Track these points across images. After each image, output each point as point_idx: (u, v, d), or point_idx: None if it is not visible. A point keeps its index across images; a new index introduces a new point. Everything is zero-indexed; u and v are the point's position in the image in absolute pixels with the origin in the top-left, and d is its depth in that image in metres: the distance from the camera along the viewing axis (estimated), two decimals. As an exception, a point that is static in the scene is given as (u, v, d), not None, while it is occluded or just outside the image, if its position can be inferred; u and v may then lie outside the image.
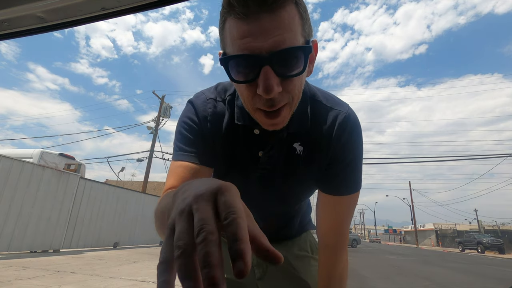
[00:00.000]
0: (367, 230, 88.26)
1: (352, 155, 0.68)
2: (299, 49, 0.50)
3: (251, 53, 0.48)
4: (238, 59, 0.50)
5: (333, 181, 0.70)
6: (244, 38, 0.48)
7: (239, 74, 0.51)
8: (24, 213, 6.32)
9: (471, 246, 24.82)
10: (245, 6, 0.46)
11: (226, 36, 0.52)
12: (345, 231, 0.75)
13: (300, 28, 0.50)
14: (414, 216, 40.23)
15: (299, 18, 0.50)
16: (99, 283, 3.96)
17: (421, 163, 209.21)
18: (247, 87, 0.53)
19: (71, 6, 0.56)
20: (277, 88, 0.49)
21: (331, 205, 0.73)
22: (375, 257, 13.67)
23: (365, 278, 6.50)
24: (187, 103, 0.72)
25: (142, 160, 16.88)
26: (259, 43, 0.47)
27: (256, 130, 0.66)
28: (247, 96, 0.54)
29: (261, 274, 0.86)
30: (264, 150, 0.67)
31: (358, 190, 0.72)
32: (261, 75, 0.49)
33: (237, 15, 0.48)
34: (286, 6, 0.48)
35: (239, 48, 0.49)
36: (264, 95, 0.50)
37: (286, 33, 0.48)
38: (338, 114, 0.67)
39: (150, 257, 7.49)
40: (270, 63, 0.48)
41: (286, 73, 0.50)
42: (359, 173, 0.71)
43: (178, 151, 0.68)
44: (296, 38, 0.49)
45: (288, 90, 0.53)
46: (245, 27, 0.48)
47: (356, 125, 0.68)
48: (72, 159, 9.21)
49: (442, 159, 49.15)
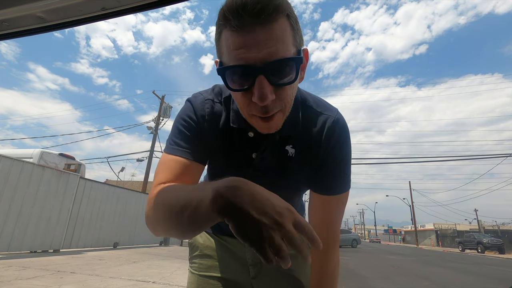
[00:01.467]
0: (367, 230, 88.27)
1: (341, 156, 0.72)
2: (291, 60, 0.53)
3: (246, 63, 0.51)
4: (234, 69, 0.53)
5: (323, 182, 0.74)
6: (239, 49, 0.51)
7: (235, 83, 0.55)
8: (24, 213, 6.32)
9: (471, 246, 24.82)
10: (240, 20, 0.50)
11: (222, 46, 0.55)
12: (336, 230, 0.79)
13: (291, 39, 0.54)
14: (414, 216, 40.24)
15: (290, 30, 0.54)
16: (99, 283, 3.97)
17: (421, 163, 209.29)
18: (242, 95, 0.56)
19: (71, 6, 0.56)
20: (271, 96, 0.53)
21: (322, 205, 0.77)
22: (375, 257, 13.67)
23: (365, 278, 6.50)
24: (185, 101, 0.75)
25: (142, 160, 16.88)
26: (253, 54, 0.51)
27: (250, 133, 0.69)
28: (242, 103, 0.58)
29: (255, 273, 0.86)
30: (257, 152, 0.70)
31: (347, 189, 0.76)
32: (255, 84, 0.52)
33: (232, 27, 0.51)
34: (278, 19, 0.51)
35: (234, 58, 0.52)
36: (259, 103, 0.53)
37: (278, 44, 0.51)
38: (328, 118, 0.72)
39: (150, 257, 7.49)
40: (264, 72, 0.51)
41: (279, 82, 0.54)
42: (348, 174, 0.75)
43: (173, 145, 0.69)
44: (288, 49, 0.53)
45: (281, 98, 0.56)
46: (240, 39, 0.51)
47: (345, 129, 0.73)
48: (72, 159, 9.21)
49: (442, 159, 49.20)
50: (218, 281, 0.84)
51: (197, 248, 0.92)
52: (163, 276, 4.78)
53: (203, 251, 0.90)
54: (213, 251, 0.89)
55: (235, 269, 0.87)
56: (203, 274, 0.86)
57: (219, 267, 0.87)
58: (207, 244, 0.91)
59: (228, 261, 0.88)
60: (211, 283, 0.84)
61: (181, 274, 5.11)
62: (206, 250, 0.90)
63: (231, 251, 0.89)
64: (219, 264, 0.87)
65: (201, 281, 0.86)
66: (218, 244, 0.90)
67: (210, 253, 0.89)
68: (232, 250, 0.89)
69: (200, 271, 0.87)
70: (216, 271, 0.86)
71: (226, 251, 0.89)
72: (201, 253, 0.90)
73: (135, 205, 10.74)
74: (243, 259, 0.87)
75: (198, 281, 0.86)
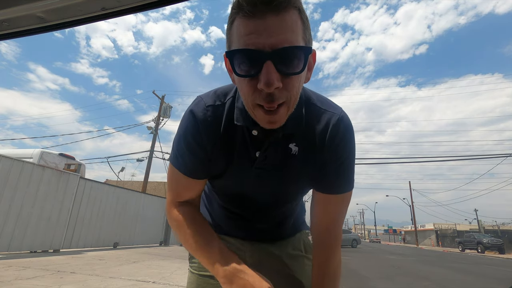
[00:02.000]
0: (367, 230, 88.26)
1: (345, 155, 0.71)
2: (300, 49, 0.53)
3: (255, 48, 0.52)
4: (242, 53, 0.53)
5: (327, 181, 0.73)
6: (249, 34, 0.52)
7: (242, 68, 0.55)
8: (24, 213, 6.32)
9: (471, 246, 24.82)
10: (253, 5, 0.51)
11: (233, 34, 0.56)
12: (338, 229, 0.78)
13: (301, 32, 0.55)
14: (414, 216, 40.24)
15: (301, 23, 0.55)
16: (99, 283, 3.96)
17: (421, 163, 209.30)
18: (248, 82, 0.56)
19: (71, 6, 0.56)
20: (277, 83, 0.53)
21: (325, 204, 0.76)
22: (375, 257, 13.67)
23: (365, 278, 6.50)
24: (188, 113, 0.72)
25: (142, 160, 16.88)
26: (262, 40, 0.51)
27: (254, 131, 0.68)
28: (247, 91, 0.57)
29: None
30: (260, 150, 0.70)
31: (351, 189, 0.75)
32: (263, 70, 0.52)
33: (245, 13, 0.52)
34: (290, 10, 0.52)
35: (244, 43, 0.53)
36: (265, 89, 0.53)
37: (288, 33, 0.52)
38: (332, 116, 0.71)
39: (150, 257, 7.49)
40: (272, 58, 0.52)
41: (287, 71, 0.54)
42: (351, 173, 0.74)
43: (178, 159, 0.73)
44: (297, 40, 0.53)
45: (287, 89, 0.56)
46: (251, 24, 0.52)
47: (349, 127, 0.72)
48: (72, 159, 9.21)
49: (442, 159, 49.14)
50: (218, 281, 0.84)
51: None
52: (163, 276, 4.78)
53: None
54: None
55: None
56: (203, 274, 0.86)
57: None
58: None
59: None
60: (211, 283, 0.84)
61: (181, 274, 5.11)
62: None
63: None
64: None
65: (201, 281, 0.86)
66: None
67: None
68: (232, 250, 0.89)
69: (200, 271, 0.87)
70: None
71: None
72: None
73: (135, 205, 10.74)
74: (242, 259, 0.87)
75: (198, 281, 0.86)
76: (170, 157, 0.77)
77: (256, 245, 0.88)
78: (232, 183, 0.76)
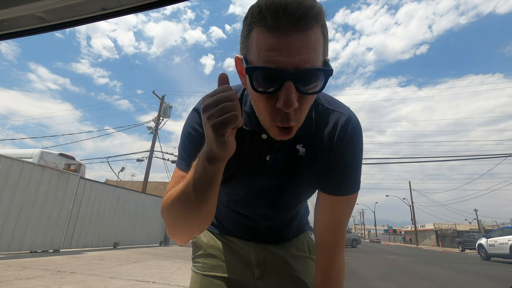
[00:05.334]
0: (367, 230, 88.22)
1: (353, 156, 0.70)
2: (322, 71, 0.52)
3: (277, 66, 0.50)
4: (263, 70, 0.51)
5: (333, 182, 0.72)
6: (271, 51, 0.50)
7: (260, 85, 0.52)
8: (24, 213, 6.31)
9: (471, 246, 24.80)
10: (278, 21, 0.48)
11: (251, 44, 0.53)
12: (343, 231, 0.78)
13: (322, 49, 0.53)
14: (414, 216, 40.22)
15: (322, 40, 0.53)
16: (99, 283, 3.96)
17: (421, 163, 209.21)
18: (266, 99, 0.54)
19: (71, 6, 0.56)
20: (296, 104, 0.51)
21: (330, 205, 0.75)
22: (375, 257, 13.66)
23: (365, 278, 6.50)
24: (192, 111, 0.72)
25: (142, 160, 16.87)
26: (285, 58, 0.49)
27: (263, 135, 0.67)
28: (264, 109, 0.56)
29: (259, 274, 0.86)
30: (270, 154, 0.69)
31: (357, 191, 0.74)
32: (283, 89, 0.50)
33: (268, 28, 0.49)
34: (314, 28, 0.50)
35: (265, 59, 0.50)
36: (283, 109, 0.51)
37: (311, 52, 0.50)
38: (340, 116, 0.69)
39: (150, 257, 7.49)
40: (294, 79, 0.50)
41: (306, 91, 0.52)
42: (358, 174, 0.73)
43: (180, 159, 0.71)
44: (318, 59, 0.52)
45: (301, 109, 0.55)
46: (274, 41, 0.49)
47: (358, 128, 0.70)
48: (72, 159, 9.20)
49: (442, 159, 49.16)
50: (222, 281, 0.84)
51: (200, 247, 0.92)
52: (163, 276, 4.78)
53: (207, 251, 0.90)
54: (217, 250, 0.89)
55: (239, 270, 0.86)
56: (207, 273, 0.86)
57: (223, 267, 0.86)
58: (211, 244, 0.91)
59: (232, 261, 0.87)
60: (214, 283, 0.84)
61: (181, 274, 5.10)
62: (210, 249, 0.90)
63: (235, 251, 0.88)
64: (223, 264, 0.87)
65: (205, 281, 0.85)
66: (222, 244, 0.90)
67: (214, 252, 0.89)
68: (236, 251, 0.88)
69: (204, 270, 0.87)
70: (220, 271, 0.86)
71: (230, 251, 0.89)
72: (205, 252, 0.90)
73: (135, 205, 10.73)
74: (247, 259, 0.87)
75: (201, 281, 0.86)
76: (176, 162, 0.75)
77: (261, 246, 0.89)
78: (241, 186, 0.76)
